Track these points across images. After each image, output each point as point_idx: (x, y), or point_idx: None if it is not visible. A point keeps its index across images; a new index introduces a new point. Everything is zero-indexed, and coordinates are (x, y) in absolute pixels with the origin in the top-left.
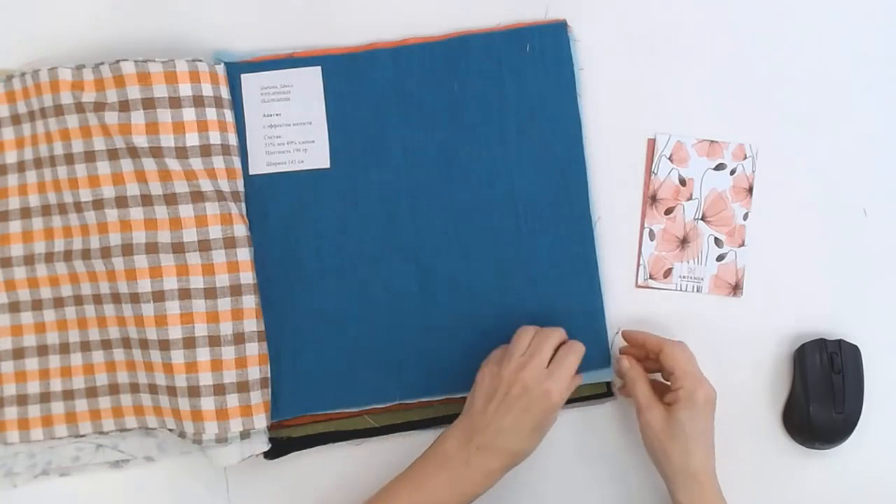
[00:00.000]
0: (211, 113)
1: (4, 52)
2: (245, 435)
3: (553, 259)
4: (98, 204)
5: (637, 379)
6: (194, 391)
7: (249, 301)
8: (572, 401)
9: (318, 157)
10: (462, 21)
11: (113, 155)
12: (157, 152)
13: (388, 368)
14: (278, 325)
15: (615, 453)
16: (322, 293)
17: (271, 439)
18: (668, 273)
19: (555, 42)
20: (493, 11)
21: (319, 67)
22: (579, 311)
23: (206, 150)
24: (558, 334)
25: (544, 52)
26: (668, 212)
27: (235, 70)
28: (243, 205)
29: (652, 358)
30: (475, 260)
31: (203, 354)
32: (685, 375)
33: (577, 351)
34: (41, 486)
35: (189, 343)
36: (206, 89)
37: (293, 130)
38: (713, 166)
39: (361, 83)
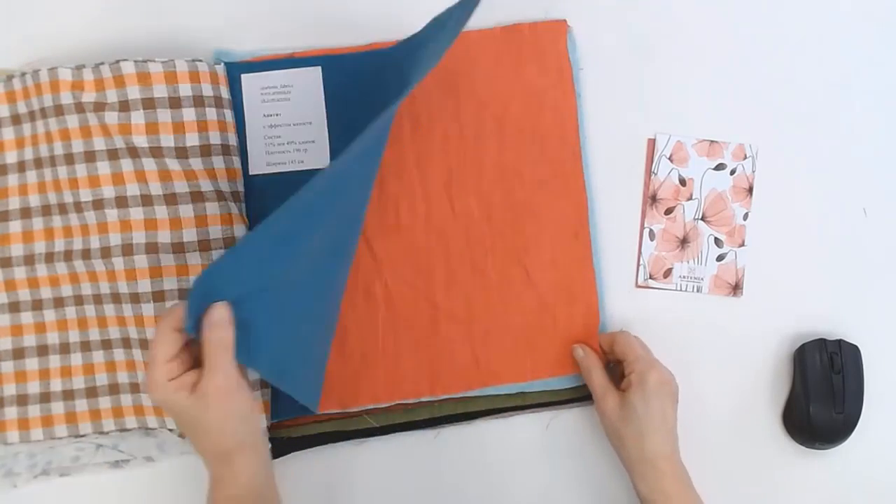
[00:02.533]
0: (211, 113)
1: (4, 52)
2: None
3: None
4: (98, 204)
5: (592, 367)
6: None
7: None
8: (572, 400)
9: (318, 157)
10: None
11: (113, 155)
12: (157, 152)
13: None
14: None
15: (613, 452)
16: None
17: (271, 439)
18: (668, 273)
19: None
20: (493, 11)
21: (319, 67)
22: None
23: (205, 150)
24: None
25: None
26: (668, 212)
27: (235, 70)
28: (243, 205)
29: (611, 358)
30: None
31: None
32: (637, 360)
33: (159, 331)
34: (41, 486)
35: None
36: (206, 89)
37: (293, 130)
38: (713, 166)
39: (361, 83)
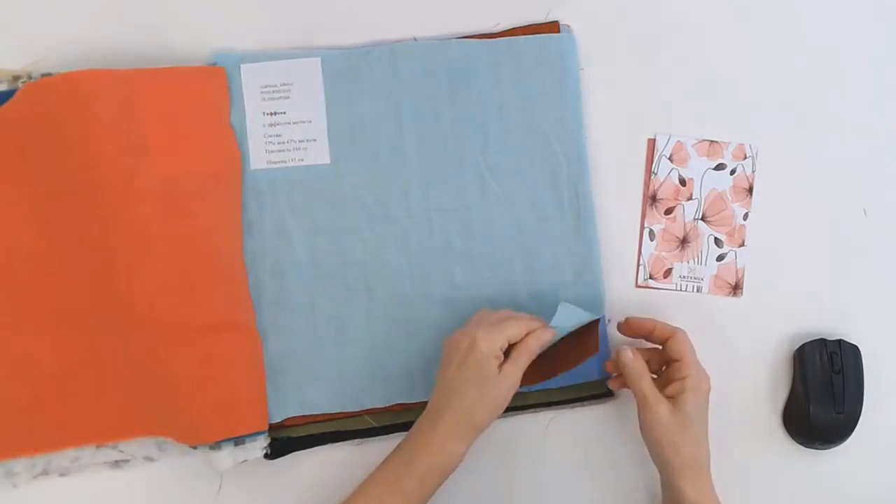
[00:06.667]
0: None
1: (4, 52)
2: None
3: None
4: None
5: (643, 372)
6: None
7: None
8: (572, 401)
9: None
10: (462, 21)
11: None
12: None
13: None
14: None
15: (615, 453)
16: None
17: (271, 439)
18: (668, 273)
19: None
20: (493, 12)
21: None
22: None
23: None
24: (511, 316)
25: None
26: (668, 212)
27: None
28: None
29: (652, 348)
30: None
31: None
32: (692, 364)
33: (521, 319)
34: (41, 486)
35: None
36: None
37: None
38: (713, 166)
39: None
